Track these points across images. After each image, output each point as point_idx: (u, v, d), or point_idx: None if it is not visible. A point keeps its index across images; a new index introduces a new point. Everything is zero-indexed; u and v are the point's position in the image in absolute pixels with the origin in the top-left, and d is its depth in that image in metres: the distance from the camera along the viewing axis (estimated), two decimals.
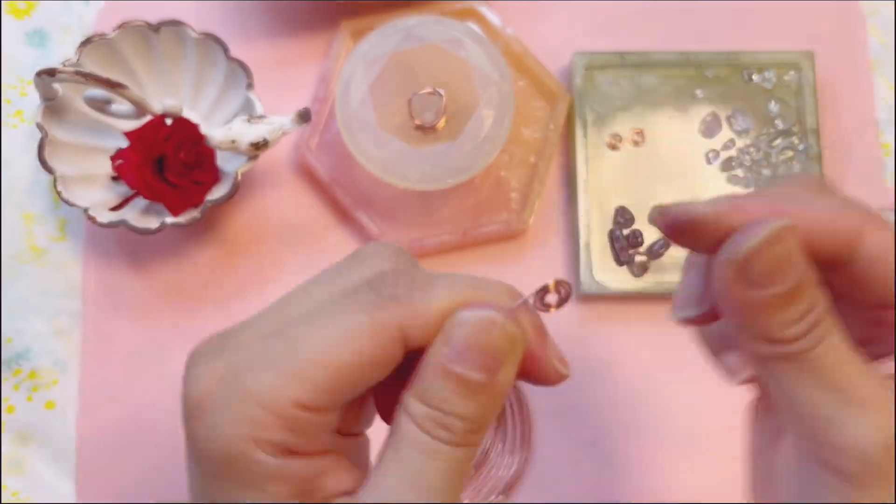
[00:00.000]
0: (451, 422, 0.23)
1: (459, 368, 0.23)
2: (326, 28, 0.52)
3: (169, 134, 0.46)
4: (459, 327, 0.24)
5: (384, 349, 0.23)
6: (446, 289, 0.24)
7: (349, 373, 0.23)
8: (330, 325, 0.23)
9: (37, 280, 0.49)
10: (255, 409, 0.23)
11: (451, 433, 0.24)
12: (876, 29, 0.54)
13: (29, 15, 0.52)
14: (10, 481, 0.47)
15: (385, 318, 0.23)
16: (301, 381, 0.23)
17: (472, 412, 0.24)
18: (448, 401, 0.23)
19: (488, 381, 0.24)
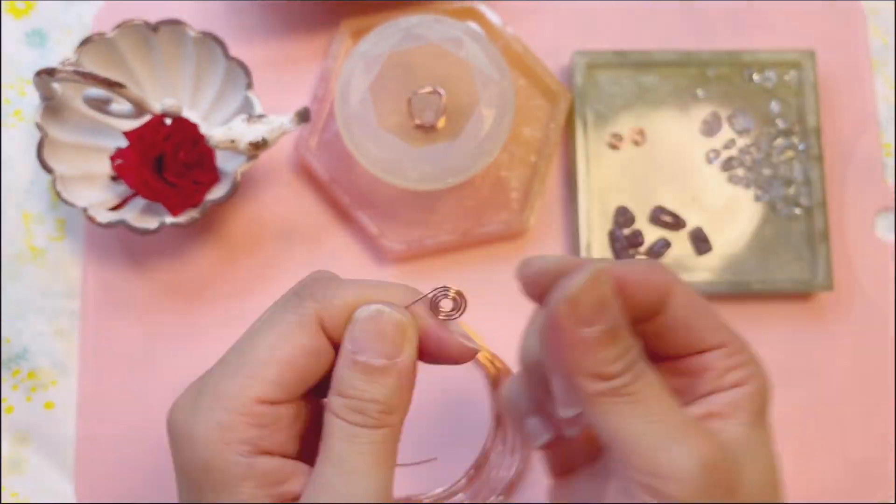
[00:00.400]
0: (365, 406, 0.27)
1: (362, 357, 0.28)
2: (326, 27, 0.52)
3: (168, 134, 0.46)
4: (356, 322, 0.28)
5: (313, 339, 0.28)
6: (351, 288, 0.29)
7: (293, 364, 0.27)
8: (269, 330, 0.28)
9: (36, 280, 0.49)
10: (221, 414, 0.26)
11: (366, 416, 0.27)
12: (877, 29, 0.54)
13: (28, 15, 0.52)
14: (10, 481, 0.47)
15: (305, 312, 0.28)
16: (256, 380, 0.27)
17: (380, 394, 0.28)
18: (358, 388, 0.27)
19: (389, 364, 0.28)
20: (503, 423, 0.47)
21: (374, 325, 0.28)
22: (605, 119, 0.51)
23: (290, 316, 0.28)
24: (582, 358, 0.27)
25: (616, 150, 0.51)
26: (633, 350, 0.28)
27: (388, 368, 0.28)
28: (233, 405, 0.27)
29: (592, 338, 0.27)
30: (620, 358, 0.27)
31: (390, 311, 0.28)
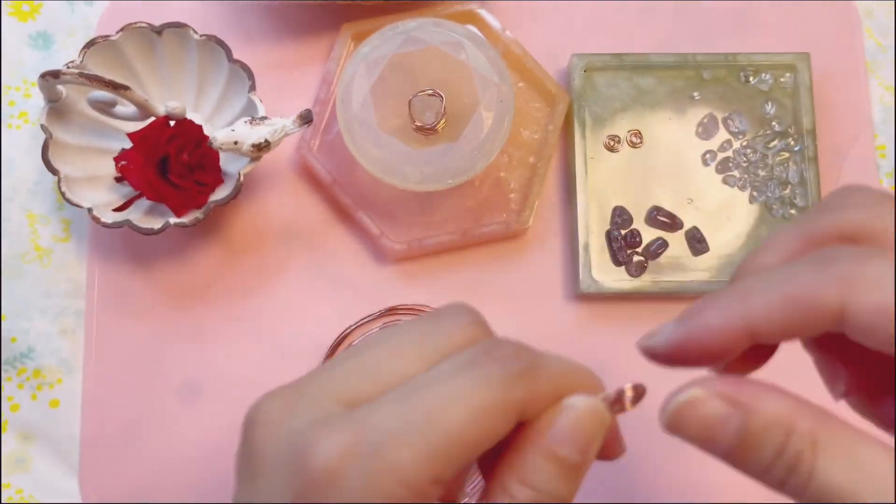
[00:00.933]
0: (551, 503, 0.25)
1: (565, 451, 0.25)
2: (328, 31, 0.52)
3: (172, 135, 0.46)
4: (570, 412, 0.25)
5: (506, 424, 0.24)
6: (556, 370, 0.25)
7: (477, 445, 0.24)
8: (464, 398, 0.24)
9: (41, 280, 0.49)
10: (396, 487, 0.23)
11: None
12: (872, 31, 0.54)
13: (33, 17, 0.53)
14: (14, 479, 0.48)
15: (515, 396, 0.24)
16: (440, 460, 0.23)
17: (568, 492, 0.25)
18: (551, 483, 0.25)
19: (583, 462, 0.25)
20: None
21: (588, 421, 0.25)
22: (602, 121, 0.51)
23: (495, 392, 0.24)
24: (743, 472, 0.25)
25: (613, 152, 0.51)
26: (789, 444, 0.23)
27: (582, 467, 0.25)
28: (410, 482, 0.23)
29: (725, 458, 0.24)
30: (771, 465, 0.23)
31: (604, 410, 0.26)
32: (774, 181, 0.51)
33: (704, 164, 0.51)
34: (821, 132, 0.52)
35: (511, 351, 0.25)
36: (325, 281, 0.50)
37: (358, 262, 0.50)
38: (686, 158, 0.51)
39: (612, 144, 0.51)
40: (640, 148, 0.51)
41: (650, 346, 0.27)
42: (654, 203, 0.50)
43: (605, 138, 0.51)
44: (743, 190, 0.51)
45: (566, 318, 0.50)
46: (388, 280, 0.50)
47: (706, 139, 0.51)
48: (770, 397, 0.24)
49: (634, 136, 0.51)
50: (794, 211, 0.50)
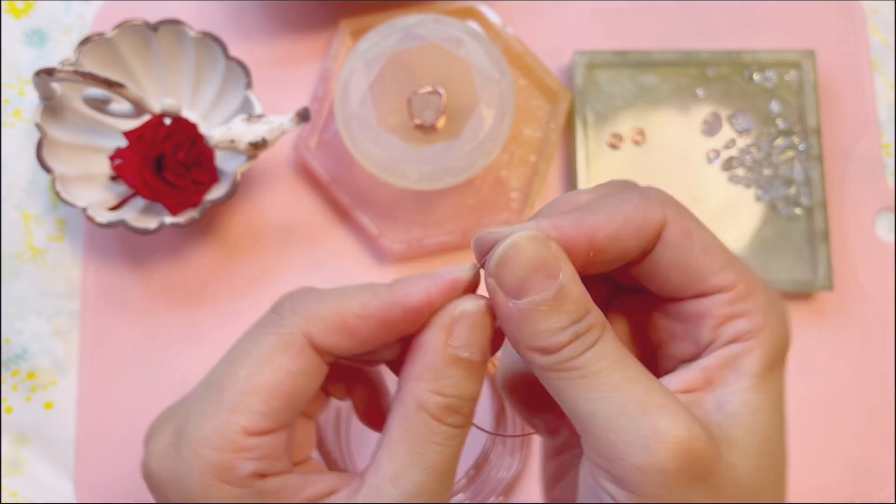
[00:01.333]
0: (462, 405, 0.26)
1: (467, 353, 0.26)
2: (326, 27, 0.52)
3: (168, 133, 0.46)
4: (464, 318, 0.26)
5: (299, 359, 0.26)
6: (335, 295, 0.26)
7: (279, 391, 0.25)
8: (246, 357, 0.26)
9: (35, 280, 0.49)
10: (213, 455, 0.25)
11: (462, 416, 0.26)
12: (877, 28, 0.54)
13: (28, 14, 0.52)
14: (9, 482, 0.47)
15: (288, 330, 0.26)
16: (240, 413, 0.25)
17: (475, 390, 0.26)
18: (459, 385, 0.26)
19: (484, 359, 0.26)
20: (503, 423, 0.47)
21: (481, 322, 0.26)
22: (605, 119, 0.51)
23: (268, 338, 0.26)
24: (518, 330, 0.25)
25: (616, 150, 0.51)
26: (584, 321, 0.25)
27: (483, 364, 0.26)
28: (223, 444, 0.25)
29: (525, 309, 0.25)
30: (563, 329, 0.24)
31: (489, 307, 0.26)
32: (779, 179, 0.50)
33: (709, 162, 0.51)
34: (826, 130, 0.52)
35: (286, 298, 0.27)
36: (323, 281, 0.49)
37: (356, 262, 0.50)
38: (690, 156, 0.51)
39: (615, 142, 0.51)
40: (643, 146, 0.51)
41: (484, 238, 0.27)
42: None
43: (608, 136, 0.51)
44: (748, 188, 0.50)
45: None
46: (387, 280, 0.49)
47: (710, 137, 0.51)
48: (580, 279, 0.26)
49: (637, 134, 0.51)
50: (798, 210, 0.50)
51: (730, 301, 0.26)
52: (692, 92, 0.51)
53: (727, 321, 0.26)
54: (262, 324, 0.26)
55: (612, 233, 0.26)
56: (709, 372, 0.26)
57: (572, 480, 0.29)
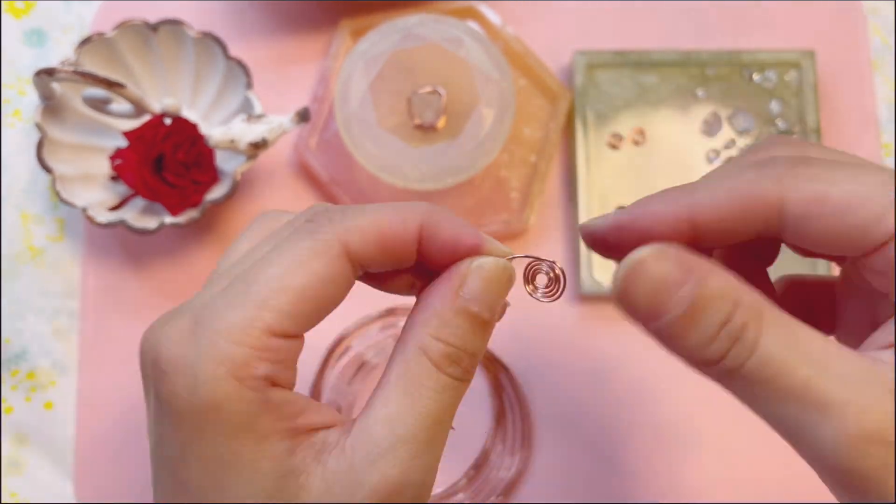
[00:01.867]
0: (462, 357, 0.26)
1: (476, 308, 0.26)
2: (326, 27, 0.52)
3: (168, 133, 0.46)
4: (479, 271, 0.26)
5: (332, 266, 0.25)
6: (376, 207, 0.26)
7: (309, 294, 0.25)
8: (278, 256, 0.25)
9: (35, 280, 0.49)
10: (232, 348, 0.24)
11: (462, 369, 0.26)
12: (877, 28, 0.54)
13: (27, 14, 0.52)
14: (9, 482, 0.47)
15: (325, 237, 0.25)
16: (267, 310, 0.24)
17: (479, 347, 0.26)
18: (463, 338, 0.26)
19: (492, 318, 0.26)
20: (503, 423, 0.47)
21: (497, 278, 0.26)
22: (605, 119, 0.51)
23: (304, 242, 0.25)
24: (673, 349, 0.24)
25: (616, 150, 0.51)
26: (735, 315, 0.23)
27: (490, 322, 0.26)
28: (244, 339, 0.24)
29: (668, 330, 0.23)
30: (714, 338, 0.23)
31: (512, 271, 0.26)
32: None
33: (708, 162, 0.51)
34: (826, 130, 0.52)
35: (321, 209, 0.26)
36: None
37: None
38: (690, 156, 0.51)
39: (615, 142, 0.51)
40: (643, 146, 0.51)
41: (590, 226, 0.27)
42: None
43: (608, 136, 0.51)
44: None
45: (567, 318, 0.49)
46: None
47: (710, 137, 0.51)
48: (718, 270, 0.24)
49: (637, 134, 0.51)
50: None
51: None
52: (692, 92, 0.51)
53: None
54: (294, 228, 0.26)
55: (716, 213, 0.25)
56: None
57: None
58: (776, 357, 0.23)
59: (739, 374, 0.23)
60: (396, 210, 0.26)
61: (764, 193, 0.25)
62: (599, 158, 0.50)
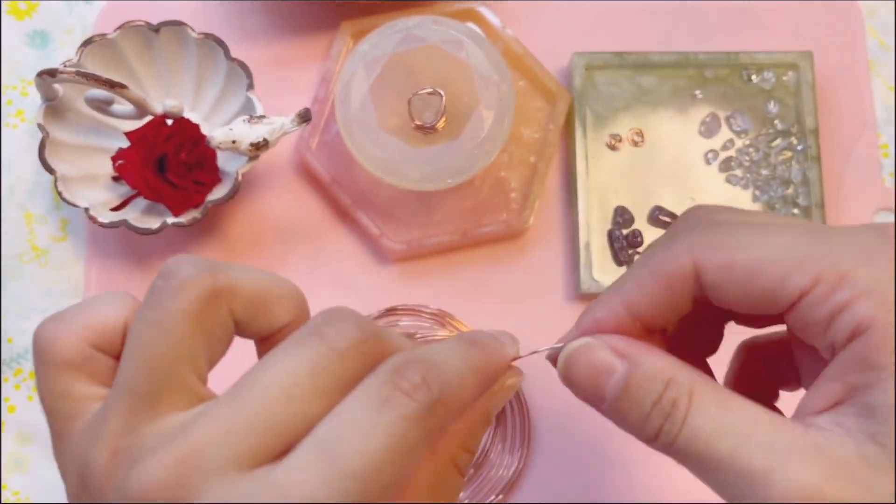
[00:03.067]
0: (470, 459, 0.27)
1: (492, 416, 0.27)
2: (327, 29, 0.52)
3: (170, 134, 0.46)
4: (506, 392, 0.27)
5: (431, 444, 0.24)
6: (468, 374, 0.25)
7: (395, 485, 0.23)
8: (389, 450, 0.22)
9: (38, 280, 0.49)
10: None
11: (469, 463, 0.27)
12: (874, 30, 0.54)
13: (30, 16, 0.53)
14: (12, 481, 0.48)
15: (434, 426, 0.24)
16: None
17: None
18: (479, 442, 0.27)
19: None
20: (503, 422, 0.47)
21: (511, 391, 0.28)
22: (603, 120, 0.51)
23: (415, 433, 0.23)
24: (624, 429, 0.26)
25: (615, 151, 0.51)
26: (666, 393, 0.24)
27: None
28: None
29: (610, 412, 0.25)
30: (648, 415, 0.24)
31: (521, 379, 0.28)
32: (777, 180, 0.51)
33: (707, 163, 0.51)
34: (823, 131, 0.52)
35: (417, 378, 0.23)
36: (324, 281, 0.49)
37: (357, 262, 0.50)
38: (688, 157, 0.51)
39: (614, 143, 0.51)
40: (641, 147, 0.51)
41: (551, 356, 0.29)
42: (655, 202, 0.50)
43: (607, 137, 0.51)
44: (745, 189, 0.51)
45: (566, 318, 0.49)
46: (387, 280, 0.50)
47: (708, 138, 0.51)
48: (654, 353, 0.26)
49: (636, 135, 0.51)
50: (796, 210, 0.50)
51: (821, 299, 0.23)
52: (690, 93, 0.51)
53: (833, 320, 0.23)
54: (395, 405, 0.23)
55: (644, 298, 0.26)
56: (846, 378, 0.23)
57: None
58: (703, 430, 0.24)
59: (674, 449, 0.24)
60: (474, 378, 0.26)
61: (680, 269, 0.26)
62: (598, 159, 0.51)
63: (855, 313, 0.23)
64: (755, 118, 0.51)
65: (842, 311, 0.23)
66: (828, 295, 0.23)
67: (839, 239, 0.24)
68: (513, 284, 0.50)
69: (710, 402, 0.24)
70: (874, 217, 0.52)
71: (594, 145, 0.51)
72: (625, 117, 0.51)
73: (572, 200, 0.50)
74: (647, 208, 0.50)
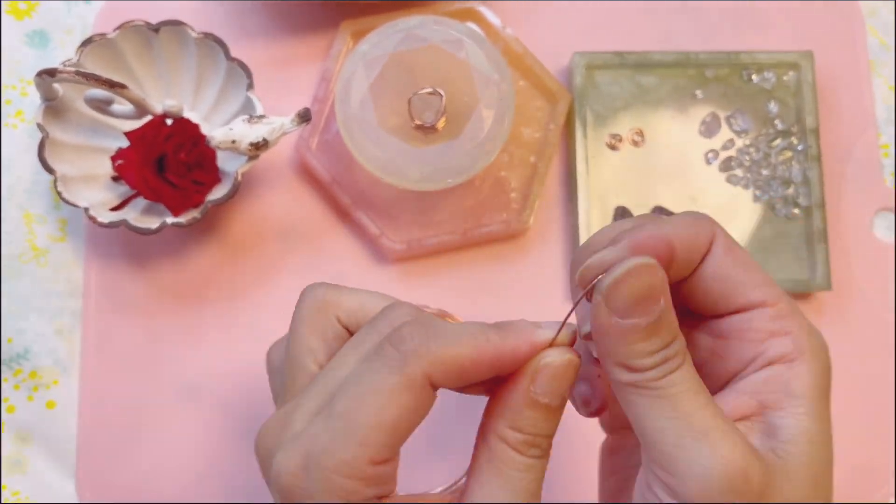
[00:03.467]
0: (540, 441, 0.29)
1: (546, 399, 0.28)
2: (327, 28, 0.52)
3: (169, 134, 0.46)
4: (546, 370, 0.29)
5: (419, 398, 0.28)
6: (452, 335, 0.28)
7: (400, 425, 0.27)
8: (372, 393, 0.27)
9: (37, 280, 0.49)
10: (343, 481, 0.27)
11: (540, 449, 0.29)
12: (875, 29, 0.54)
13: (30, 16, 0.53)
14: (11, 481, 0.48)
15: (411, 372, 0.27)
16: (367, 446, 0.27)
17: (552, 429, 0.29)
18: (538, 426, 0.29)
19: (562, 402, 0.29)
20: None
21: (564, 374, 0.29)
22: (604, 120, 0.51)
23: (394, 377, 0.27)
24: (614, 346, 0.27)
25: (615, 151, 0.51)
26: (672, 346, 0.27)
27: (561, 407, 0.29)
28: (352, 473, 0.27)
29: (625, 329, 0.27)
30: (653, 353, 0.27)
31: (577, 362, 0.29)
32: (777, 180, 0.51)
33: (707, 162, 0.51)
34: (824, 131, 0.52)
35: (406, 333, 0.28)
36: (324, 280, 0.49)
37: (357, 262, 0.50)
38: (688, 157, 0.51)
39: (614, 143, 0.51)
40: (642, 147, 0.51)
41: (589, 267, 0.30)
42: (656, 202, 0.50)
43: (607, 137, 0.51)
44: (746, 189, 0.51)
45: None
46: (387, 280, 0.50)
47: (709, 138, 0.51)
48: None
49: (636, 135, 0.51)
50: (797, 210, 0.50)
51: (772, 317, 0.29)
52: (691, 93, 0.51)
53: (770, 337, 0.28)
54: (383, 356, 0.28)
55: (686, 240, 0.28)
56: (761, 396, 0.28)
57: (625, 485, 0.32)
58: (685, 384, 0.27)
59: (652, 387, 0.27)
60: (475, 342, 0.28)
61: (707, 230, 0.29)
62: (598, 159, 0.51)
63: (795, 341, 0.28)
64: (755, 118, 0.51)
65: (786, 335, 0.28)
66: (781, 317, 0.29)
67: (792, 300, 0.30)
68: (513, 284, 0.50)
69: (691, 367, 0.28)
70: (874, 217, 0.52)
71: (594, 145, 0.51)
72: (625, 117, 0.51)
73: (572, 200, 0.50)
74: (647, 208, 0.50)
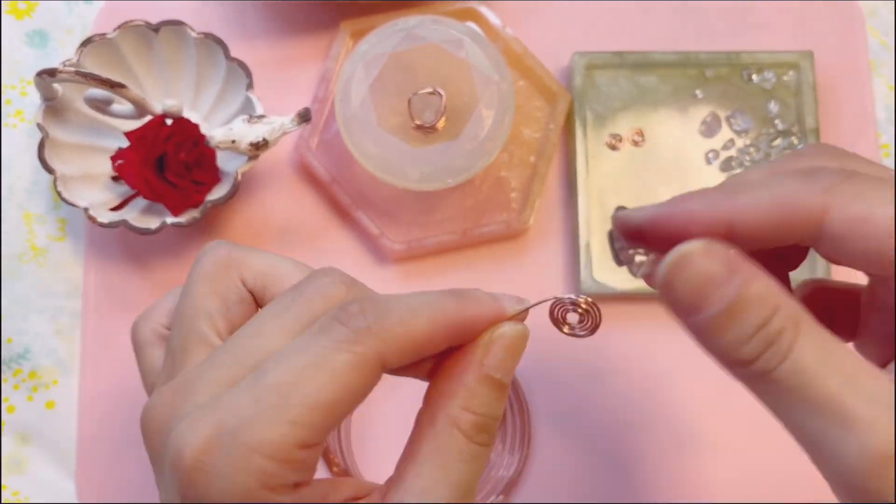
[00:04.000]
0: (490, 424, 0.26)
1: (498, 374, 0.26)
2: (326, 28, 0.52)
3: (169, 134, 0.46)
4: (501, 341, 0.27)
5: (366, 378, 0.25)
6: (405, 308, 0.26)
7: (339, 406, 0.25)
8: (315, 369, 0.24)
9: (37, 280, 0.49)
10: (263, 462, 0.24)
11: (489, 435, 0.26)
12: (875, 29, 0.54)
13: (29, 15, 0.53)
14: (11, 481, 0.48)
15: (363, 351, 0.25)
16: (300, 427, 0.24)
17: (500, 411, 0.27)
18: (490, 404, 0.26)
19: (509, 382, 0.27)
20: (503, 421, 0.47)
21: (517, 345, 0.27)
22: (604, 120, 0.51)
23: (342, 355, 0.24)
24: (707, 346, 0.24)
25: (615, 151, 0.51)
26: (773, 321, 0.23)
27: (508, 385, 0.27)
28: (276, 454, 0.24)
29: (704, 325, 0.24)
30: (750, 338, 0.23)
31: (527, 332, 0.27)
32: None
33: (707, 162, 0.51)
34: (824, 131, 0.52)
35: (356, 309, 0.25)
36: None
37: (357, 262, 0.50)
38: (689, 157, 0.51)
39: (614, 143, 0.51)
40: (642, 146, 0.51)
41: (626, 216, 0.27)
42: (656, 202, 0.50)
43: (607, 137, 0.51)
44: None
45: None
46: (387, 280, 0.50)
47: (709, 138, 0.51)
48: (762, 275, 0.24)
49: (636, 135, 0.51)
50: None
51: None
52: (691, 93, 0.51)
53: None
54: (330, 332, 0.25)
55: (756, 219, 0.25)
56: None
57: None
58: (809, 366, 0.23)
59: (769, 379, 0.23)
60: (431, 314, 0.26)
61: (808, 206, 0.24)
62: (598, 159, 0.51)
63: None
64: (756, 118, 0.51)
65: None
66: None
67: None
68: (513, 284, 0.50)
69: (816, 338, 0.23)
70: None
71: (594, 145, 0.51)
72: (625, 117, 0.51)
73: (572, 200, 0.50)
74: None
